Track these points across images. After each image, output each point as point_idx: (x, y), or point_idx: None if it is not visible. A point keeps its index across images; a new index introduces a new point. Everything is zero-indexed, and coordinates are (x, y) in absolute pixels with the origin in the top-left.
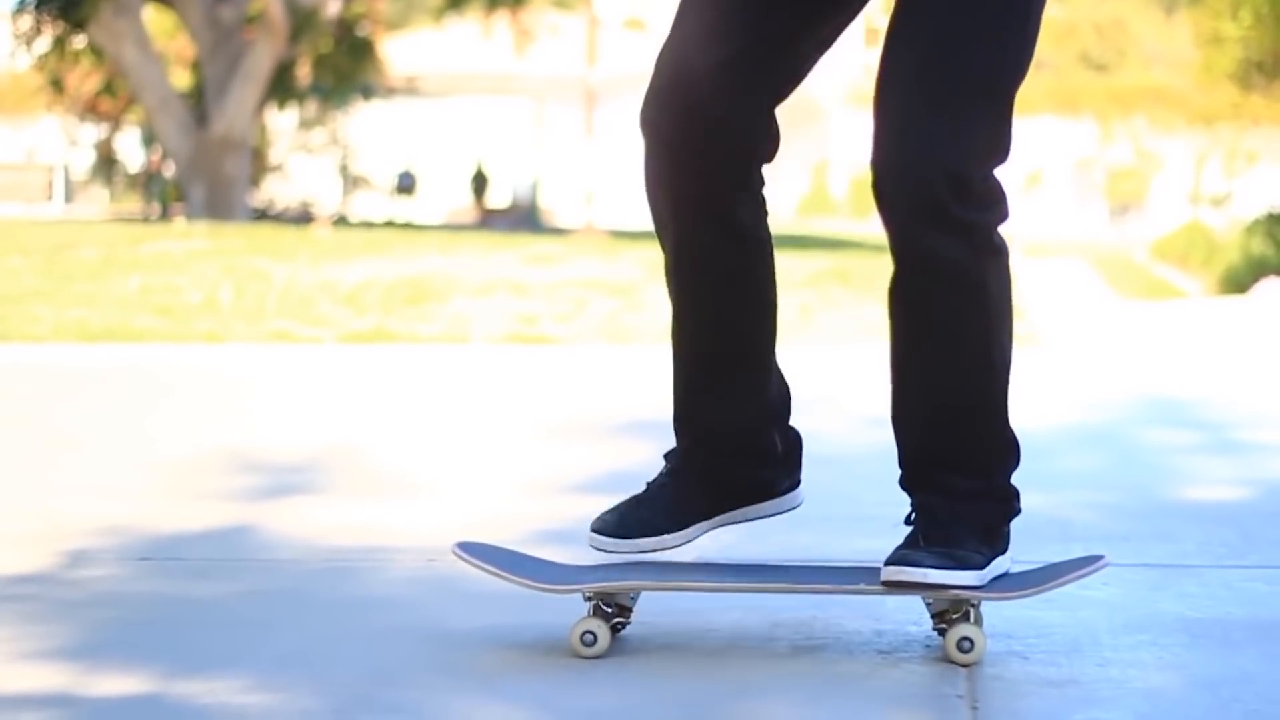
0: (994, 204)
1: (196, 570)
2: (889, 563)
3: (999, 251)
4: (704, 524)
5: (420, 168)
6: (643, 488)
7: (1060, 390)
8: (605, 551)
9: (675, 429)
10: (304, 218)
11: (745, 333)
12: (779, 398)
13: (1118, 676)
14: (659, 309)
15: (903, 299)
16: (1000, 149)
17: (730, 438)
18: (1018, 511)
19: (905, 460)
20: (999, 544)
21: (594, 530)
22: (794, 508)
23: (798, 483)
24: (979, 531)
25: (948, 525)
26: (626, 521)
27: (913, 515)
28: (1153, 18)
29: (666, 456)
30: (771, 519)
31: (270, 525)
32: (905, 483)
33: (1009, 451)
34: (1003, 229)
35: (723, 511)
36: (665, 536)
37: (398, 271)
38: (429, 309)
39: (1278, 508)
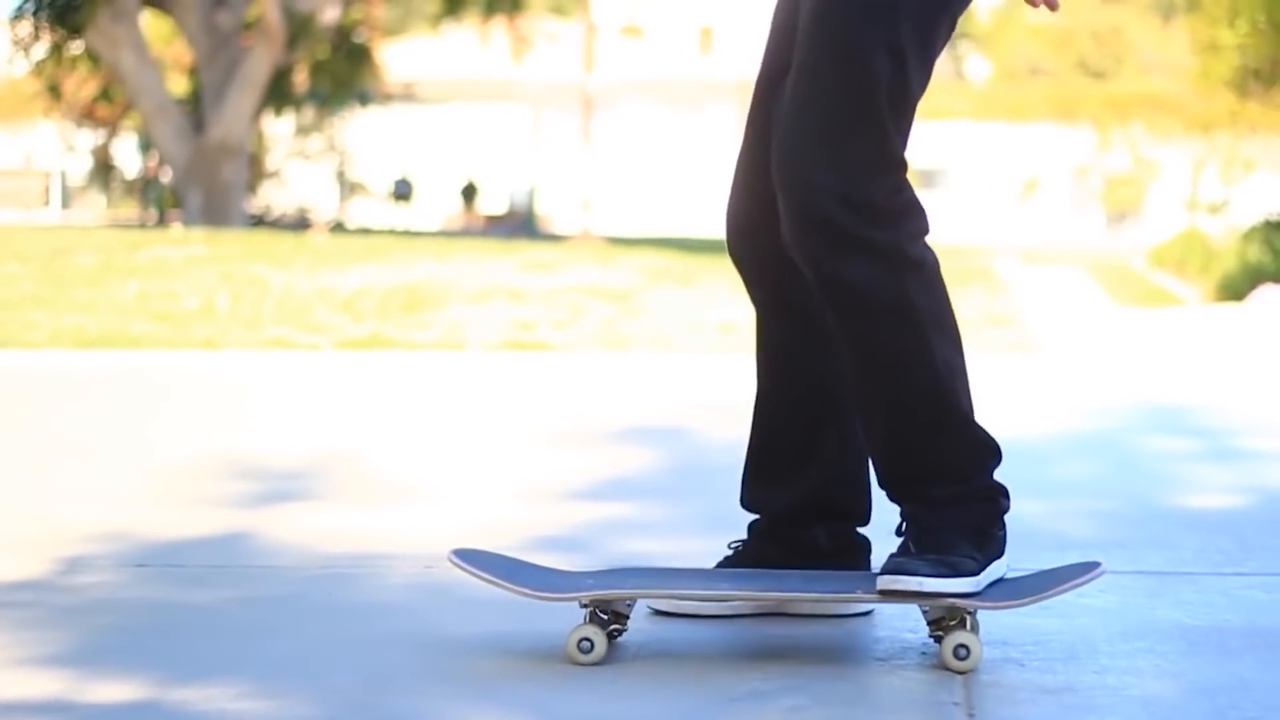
0: (904, 218)
1: (193, 577)
2: (884, 572)
3: (919, 264)
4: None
5: (417, 174)
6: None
7: (1057, 397)
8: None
9: None
10: (301, 224)
11: (793, 423)
12: (833, 496)
13: (1115, 684)
14: (656, 315)
15: (836, 328)
16: (888, 163)
17: (774, 523)
18: (1006, 509)
19: (882, 479)
20: (992, 547)
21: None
22: (846, 614)
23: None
24: (969, 535)
25: (936, 531)
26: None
27: (902, 526)
28: (1150, 25)
29: None
30: None
31: (267, 532)
32: (889, 498)
33: (982, 452)
34: (927, 240)
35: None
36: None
37: (395, 278)
38: (426, 315)
39: (1275, 515)
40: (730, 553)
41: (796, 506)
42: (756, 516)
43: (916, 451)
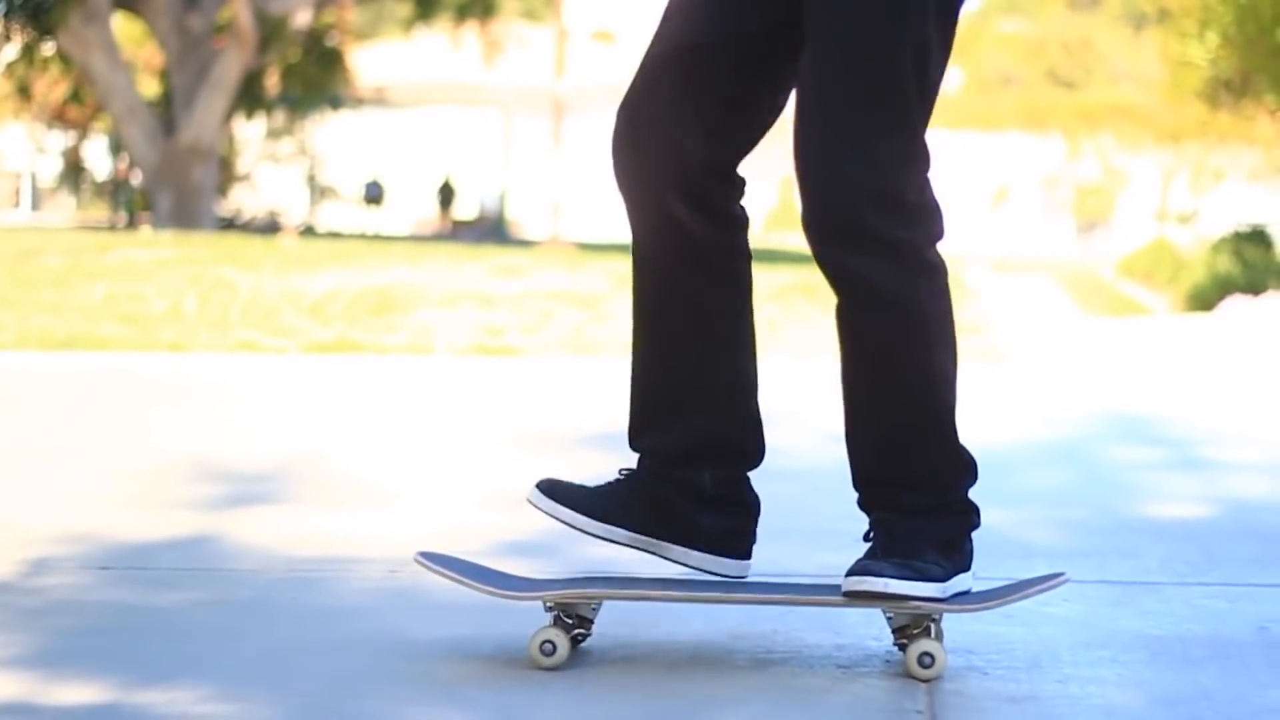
0: (925, 220)
1: (158, 579)
2: (850, 573)
3: (934, 269)
4: (624, 532)
5: (388, 178)
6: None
7: (1024, 406)
8: (531, 503)
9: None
10: (271, 227)
11: (687, 362)
12: (725, 443)
13: (1077, 693)
14: (624, 321)
15: (842, 324)
16: (916, 158)
17: (662, 464)
18: (976, 525)
19: (859, 482)
20: (960, 559)
21: (535, 484)
22: (726, 575)
23: (739, 552)
24: (938, 545)
25: (906, 539)
26: (561, 490)
27: (870, 532)
28: (1120, 35)
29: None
30: None
31: (233, 535)
32: (862, 504)
33: (962, 467)
34: (939, 245)
35: (645, 533)
36: (582, 518)
37: (363, 282)
38: (394, 320)
39: (1239, 525)
40: (621, 478)
41: (682, 450)
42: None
43: (899, 456)
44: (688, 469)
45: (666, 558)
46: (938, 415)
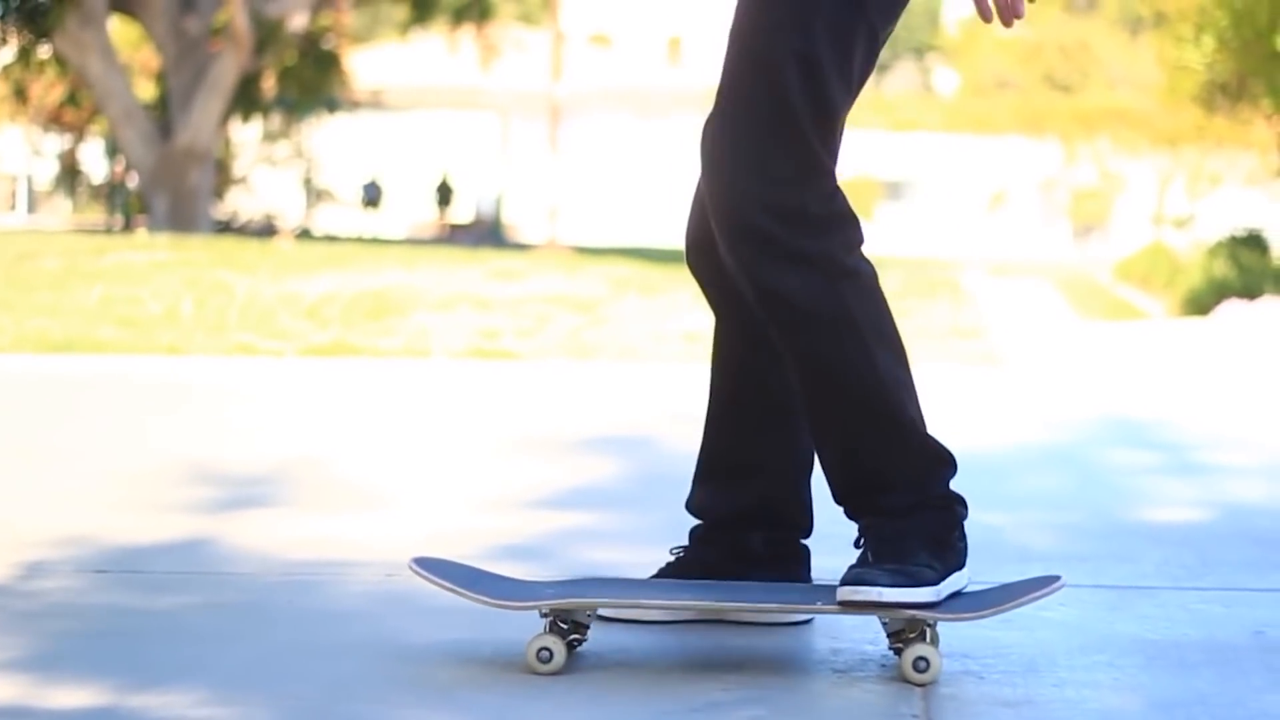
0: (836, 227)
1: (154, 583)
2: (844, 583)
3: (854, 273)
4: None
5: (384, 181)
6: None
7: (1021, 410)
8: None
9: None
10: (267, 230)
11: (749, 430)
12: (779, 512)
13: (1073, 697)
14: (621, 325)
15: (777, 343)
16: (813, 171)
17: (713, 526)
18: (963, 517)
19: (837, 497)
20: (952, 557)
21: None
22: (785, 623)
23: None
24: (927, 543)
25: (895, 540)
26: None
27: (860, 539)
28: (1117, 39)
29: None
30: None
31: (229, 538)
32: (847, 514)
33: (934, 461)
34: (862, 250)
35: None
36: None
37: (360, 285)
38: (391, 323)
39: (1235, 530)
40: (672, 559)
41: (736, 513)
42: (699, 522)
43: (867, 463)
44: (739, 531)
45: (724, 618)
46: (895, 417)
